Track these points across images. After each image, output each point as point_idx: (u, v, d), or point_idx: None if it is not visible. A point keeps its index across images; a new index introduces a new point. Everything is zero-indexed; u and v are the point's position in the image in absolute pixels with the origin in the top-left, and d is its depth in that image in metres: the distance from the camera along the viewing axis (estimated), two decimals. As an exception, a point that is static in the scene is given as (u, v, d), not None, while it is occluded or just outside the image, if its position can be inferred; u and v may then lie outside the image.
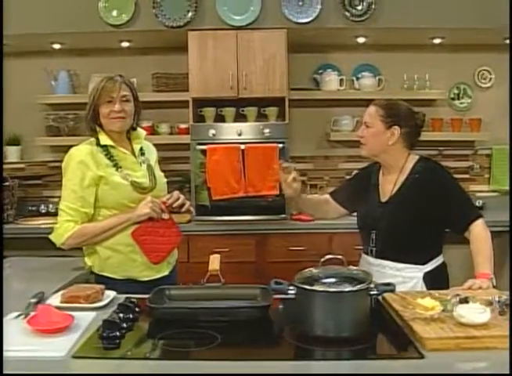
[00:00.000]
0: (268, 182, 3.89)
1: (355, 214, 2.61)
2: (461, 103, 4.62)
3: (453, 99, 4.61)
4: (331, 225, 3.79)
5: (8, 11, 3.83)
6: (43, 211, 4.49)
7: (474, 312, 1.55)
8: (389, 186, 2.43)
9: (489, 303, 1.67)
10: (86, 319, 1.73)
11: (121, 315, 1.68)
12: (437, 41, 4.32)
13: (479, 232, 2.31)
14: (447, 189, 2.36)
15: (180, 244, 2.53)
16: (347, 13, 3.89)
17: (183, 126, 4.30)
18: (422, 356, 1.43)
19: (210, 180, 3.88)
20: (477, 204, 4.47)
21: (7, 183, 4.15)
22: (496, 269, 4.15)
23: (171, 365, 1.41)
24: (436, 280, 2.28)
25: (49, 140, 4.43)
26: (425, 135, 4.48)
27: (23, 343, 1.54)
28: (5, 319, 1.74)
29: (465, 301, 1.68)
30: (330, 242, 3.97)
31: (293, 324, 1.66)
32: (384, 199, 2.43)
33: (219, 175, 3.87)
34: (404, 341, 1.54)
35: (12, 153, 4.46)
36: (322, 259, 1.67)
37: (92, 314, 1.79)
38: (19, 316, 1.77)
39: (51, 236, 2.37)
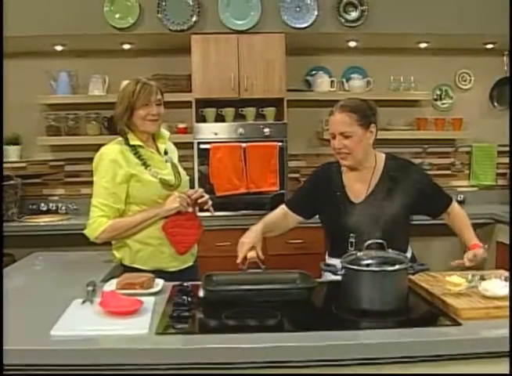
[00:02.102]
0: (269, 179, 4.13)
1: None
2: (443, 104, 4.90)
3: (436, 99, 4.89)
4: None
5: (14, 13, 3.94)
6: (43, 209, 4.59)
7: (498, 287, 1.79)
8: (360, 185, 2.42)
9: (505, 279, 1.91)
10: (149, 303, 1.90)
11: (184, 297, 1.86)
12: (422, 45, 4.59)
13: (458, 211, 2.51)
14: (424, 182, 2.41)
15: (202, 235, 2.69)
16: (342, 19, 4.13)
17: (182, 125, 4.47)
18: (459, 324, 1.67)
19: (213, 177, 4.08)
20: (458, 198, 4.80)
21: (12, 182, 4.25)
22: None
23: (249, 337, 1.62)
24: None
25: (50, 140, 4.52)
26: (411, 134, 4.80)
27: (103, 324, 1.71)
28: (73, 305, 1.90)
29: (483, 278, 1.93)
30: (326, 235, 4.19)
31: (337, 302, 1.88)
32: (357, 200, 2.41)
33: (222, 173, 4.08)
34: (439, 313, 1.78)
35: (11, 153, 4.54)
36: (366, 244, 1.88)
37: (152, 299, 1.96)
38: (84, 302, 1.93)
39: (85, 231, 2.49)
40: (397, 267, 1.78)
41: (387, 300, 1.77)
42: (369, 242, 1.88)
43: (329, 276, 2.16)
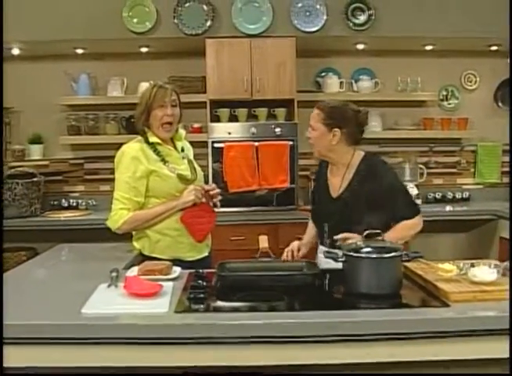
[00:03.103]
0: (280, 176, 4.33)
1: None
2: (449, 104, 5.06)
3: (442, 100, 5.04)
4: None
5: (37, 19, 4.18)
6: (64, 205, 4.80)
7: (485, 273, 1.97)
8: (337, 181, 2.65)
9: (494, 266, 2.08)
10: (168, 287, 2.10)
11: (200, 282, 2.05)
12: (428, 47, 4.75)
13: (409, 222, 2.56)
14: (391, 185, 2.56)
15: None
16: (350, 23, 4.31)
17: (197, 125, 4.66)
18: (448, 305, 1.86)
19: (227, 175, 4.29)
20: (463, 195, 4.95)
21: (35, 179, 4.46)
22: (483, 251, 4.60)
23: (258, 315, 1.82)
24: None
25: (71, 139, 4.74)
26: (417, 133, 4.97)
27: (127, 304, 1.92)
28: (99, 289, 2.10)
29: (473, 265, 2.10)
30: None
31: (338, 286, 2.07)
32: (334, 194, 2.65)
33: (235, 170, 4.29)
34: (431, 296, 1.97)
35: (35, 151, 4.76)
36: (364, 234, 2.07)
37: (170, 283, 2.16)
38: (109, 286, 2.13)
39: (107, 222, 2.68)
40: (392, 254, 1.96)
41: (384, 284, 1.95)
42: (367, 232, 2.07)
43: (325, 264, 2.33)
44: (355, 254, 1.97)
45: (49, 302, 2.00)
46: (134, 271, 2.32)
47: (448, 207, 4.72)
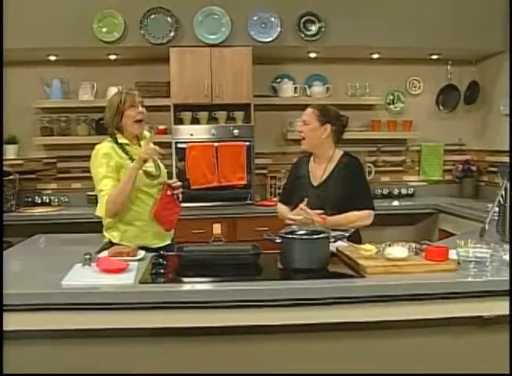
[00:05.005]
0: (237, 174, 4.73)
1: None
2: (395, 107, 5.51)
3: (389, 103, 5.49)
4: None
5: (13, 28, 4.47)
6: (38, 202, 5.12)
7: (398, 251, 2.38)
8: (319, 172, 3.17)
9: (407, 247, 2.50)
10: (134, 265, 2.47)
11: (161, 260, 2.43)
12: (375, 56, 5.19)
13: (357, 213, 3.08)
14: (359, 181, 3.14)
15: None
16: (302, 34, 4.73)
17: (161, 127, 5.02)
18: (364, 276, 2.27)
19: (189, 172, 4.66)
20: (408, 191, 5.40)
21: (10, 177, 4.76)
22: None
23: (208, 285, 2.23)
24: (354, 241, 2.90)
25: (44, 139, 5.05)
26: (366, 135, 5.40)
27: (100, 278, 2.28)
28: (75, 267, 2.45)
29: (389, 246, 2.51)
30: (289, 223, 4.75)
31: (276, 264, 2.47)
32: (315, 183, 3.16)
33: (197, 169, 4.67)
34: (353, 270, 2.37)
35: (10, 151, 5.04)
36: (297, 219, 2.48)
37: (136, 263, 2.52)
38: (83, 265, 2.49)
39: (96, 214, 2.99)
40: (320, 236, 2.37)
41: (313, 261, 2.35)
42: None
43: None
44: (290, 236, 2.37)
45: (32, 278, 2.36)
46: (105, 254, 2.68)
47: (395, 202, 5.19)
